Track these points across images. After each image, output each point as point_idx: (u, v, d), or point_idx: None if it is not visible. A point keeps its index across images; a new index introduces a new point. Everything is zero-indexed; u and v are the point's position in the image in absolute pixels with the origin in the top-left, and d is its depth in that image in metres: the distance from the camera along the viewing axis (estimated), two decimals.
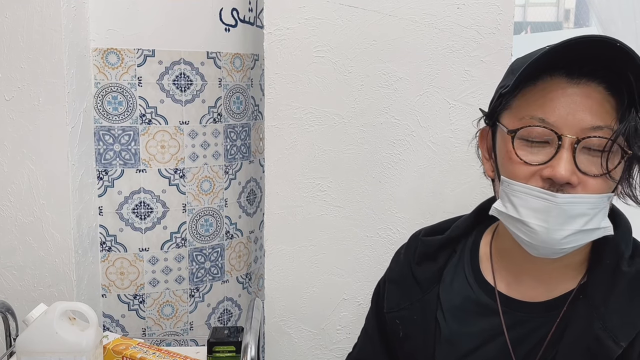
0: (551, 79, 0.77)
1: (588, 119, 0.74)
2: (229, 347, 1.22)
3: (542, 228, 0.76)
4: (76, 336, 1.11)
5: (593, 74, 0.76)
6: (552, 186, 0.75)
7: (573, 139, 0.74)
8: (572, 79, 0.76)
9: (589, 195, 0.75)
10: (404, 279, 0.95)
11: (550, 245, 0.77)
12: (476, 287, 0.89)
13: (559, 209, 0.74)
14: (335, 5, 1.30)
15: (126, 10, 1.39)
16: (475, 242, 0.94)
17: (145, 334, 1.53)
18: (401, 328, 0.93)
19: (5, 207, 1.38)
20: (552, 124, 0.75)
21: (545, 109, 0.76)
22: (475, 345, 0.86)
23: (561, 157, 0.74)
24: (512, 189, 0.78)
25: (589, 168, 0.75)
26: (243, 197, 1.63)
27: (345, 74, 1.32)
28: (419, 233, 0.99)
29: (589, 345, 0.78)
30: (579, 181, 0.75)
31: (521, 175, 0.78)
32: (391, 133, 1.33)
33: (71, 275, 1.38)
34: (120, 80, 1.42)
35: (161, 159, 1.47)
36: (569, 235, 0.75)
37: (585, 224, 0.75)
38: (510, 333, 0.84)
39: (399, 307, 0.94)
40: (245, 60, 1.57)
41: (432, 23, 1.28)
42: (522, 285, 0.86)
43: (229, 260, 1.61)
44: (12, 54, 1.32)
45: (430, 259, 0.94)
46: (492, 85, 1.32)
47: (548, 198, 0.75)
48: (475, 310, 0.88)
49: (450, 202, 1.34)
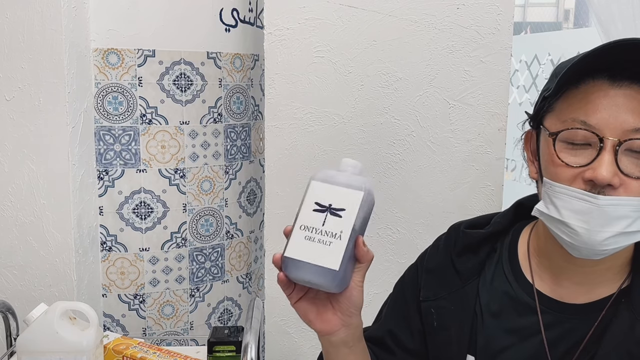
0: (593, 82, 0.78)
1: (630, 121, 0.74)
2: (229, 347, 1.23)
3: (583, 229, 0.75)
4: (77, 336, 1.12)
5: (635, 77, 0.76)
6: (593, 188, 0.75)
7: (615, 141, 0.74)
8: (614, 82, 0.76)
9: (631, 198, 0.75)
10: (444, 269, 0.94)
11: (591, 246, 0.76)
12: (515, 285, 0.89)
13: (600, 210, 0.74)
14: (335, 6, 1.30)
15: (126, 11, 1.40)
16: (513, 240, 0.94)
17: (145, 333, 1.53)
18: (435, 318, 0.92)
19: (6, 207, 1.38)
20: (593, 126, 0.76)
21: (587, 111, 0.76)
22: (512, 342, 0.87)
23: (602, 159, 0.74)
24: (554, 190, 0.78)
25: (632, 170, 0.75)
26: (243, 197, 1.63)
27: (345, 74, 1.32)
28: (459, 225, 0.99)
29: (630, 350, 0.78)
30: (620, 183, 0.75)
31: (563, 177, 0.78)
32: (391, 133, 1.33)
33: (72, 275, 1.38)
34: (120, 80, 1.42)
35: (161, 159, 1.47)
36: (610, 237, 0.75)
37: (627, 227, 0.75)
38: (547, 333, 0.84)
39: (436, 297, 0.93)
40: (246, 61, 1.57)
41: (432, 23, 1.29)
42: (562, 286, 0.86)
43: (229, 260, 1.62)
44: (12, 54, 1.32)
45: (472, 251, 0.94)
46: (492, 85, 1.33)
47: (590, 200, 0.75)
48: (514, 307, 0.88)
49: (450, 202, 1.35)
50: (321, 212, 0.71)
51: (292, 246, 0.71)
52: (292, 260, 0.71)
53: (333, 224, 0.71)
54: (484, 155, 1.32)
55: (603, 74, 0.77)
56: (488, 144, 1.32)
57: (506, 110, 1.32)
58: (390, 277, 1.36)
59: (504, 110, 1.32)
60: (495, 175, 1.32)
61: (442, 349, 0.92)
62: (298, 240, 0.71)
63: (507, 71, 1.31)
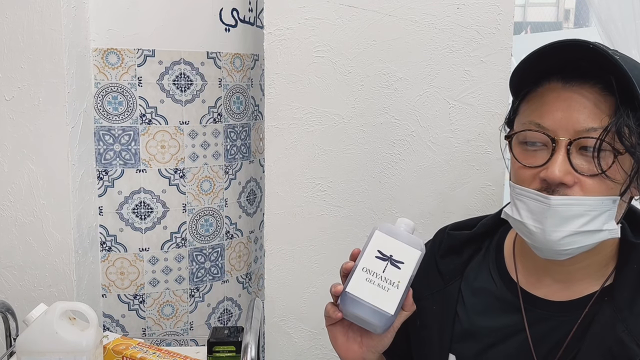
0: (549, 84, 0.79)
1: (582, 120, 0.75)
2: (229, 347, 1.23)
3: (538, 229, 0.77)
4: (76, 336, 1.12)
5: (586, 75, 0.77)
6: (549, 187, 0.76)
7: (566, 140, 0.76)
8: (566, 83, 0.78)
9: (584, 197, 0.75)
10: (427, 270, 0.96)
11: (549, 246, 0.78)
12: (500, 283, 0.90)
13: (552, 210, 0.75)
14: (335, 5, 1.30)
15: (126, 10, 1.40)
16: (500, 240, 0.95)
17: (145, 333, 1.53)
18: (419, 317, 0.94)
19: (5, 207, 1.38)
20: (547, 127, 0.77)
21: (542, 113, 0.78)
22: (496, 340, 0.87)
23: (555, 158, 0.76)
24: (515, 192, 0.80)
25: (586, 168, 0.76)
26: (243, 197, 1.63)
27: (345, 74, 1.32)
28: (445, 228, 1.01)
29: (611, 348, 0.78)
30: (575, 181, 0.76)
31: (523, 178, 0.80)
32: (391, 133, 1.33)
33: (71, 275, 1.38)
34: (120, 80, 1.42)
35: (161, 159, 1.47)
36: (565, 236, 0.76)
37: (583, 226, 0.76)
38: (531, 330, 0.85)
39: (419, 297, 0.95)
40: (245, 60, 1.57)
41: (432, 23, 1.28)
42: (545, 284, 0.86)
43: (229, 260, 1.62)
44: (12, 54, 1.32)
45: (455, 252, 0.96)
46: (492, 85, 1.33)
47: (542, 200, 0.76)
48: (498, 305, 0.89)
49: (450, 202, 1.34)
50: (382, 260, 0.81)
51: (354, 284, 0.79)
52: (353, 297, 0.79)
53: (392, 273, 0.80)
54: (484, 155, 1.32)
55: (557, 76, 0.79)
56: (488, 144, 1.32)
57: (506, 110, 1.31)
58: None
59: (504, 110, 1.32)
60: (496, 175, 1.32)
61: (425, 347, 0.94)
62: (360, 280, 0.79)
63: (507, 71, 1.30)
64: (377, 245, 0.81)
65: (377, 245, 0.81)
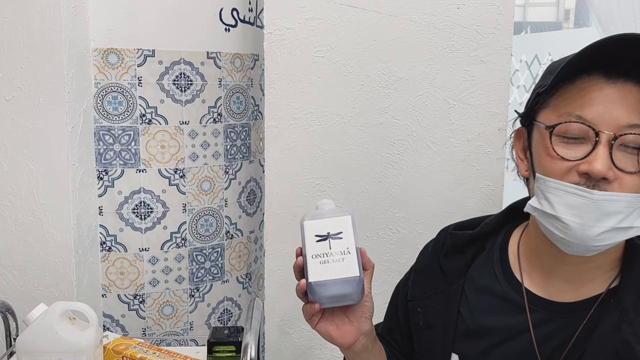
0: (589, 78, 0.78)
1: (624, 116, 0.75)
2: (229, 347, 1.22)
3: (577, 224, 0.76)
4: (76, 336, 1.12)
5: (630, 73, 0.76)
6: (588, 182, 0.76)
7: (610, 135, 0.75)
8: (609, 79, 0.77)
9: (625, 194, 0.75)
10: (430, 270, 0.96)
11: (584, 241, 0.77)
12: (505, 283, 0.90)
13: (594, 205, 0.75)
14: (335, 5, 1.30)
15: (126, 10, 1.39)
16: (504, 240, 0.94)
17: (145, 333, 1.53)
18: (422, 317, 0.94)
19: (5, 207, 1.38)
20: (589, 120, 0.76)
21: (583, 105, 0.77)
22: (500, 340, 0.87)
23: (598, 152, 0.75)
24: (548, 185, 0.79)
25: (626, 165, 0.75)
26: (243, 197, 1.63)
27: (345, 74, 1.32)
28: (448, 227, 1.01)
29: (617, 349, 0.78)
30: (615, 177, 0.75)
31: (558, 171, 0.78)
32: (391, 133, 1.33)
33: (71, 275, 1.38)
34: (120, 80, 1.42)
35: (161, 159, 1.47)
36: (603, 232, 0.75)
37: (620, 222, 0.75)
38: (536, 331, 0.85)
39: (422, 296, 0.95)
40: (245, 60, 1.57)
41: (432, 23, 1.28)
42: (551, 285, 0.86)
43: (229, 260, 1.62)
44: (12, 54, 1.32)
45: (458, 252, 0.95)
46: (492, 85, 1.33)
47: (584, 194, 0.75)
48: (502, 305, 0.89)
49: (450, 202, 1.34)
50: (324, 240, 0.84)
51: (313, 272, 0.81)
52: (319, 283, 0.80)
53: (338, 245, 0.83)
54: (484, 155, 1.32)
55: (598, 71, 0.78)
56: (488, 144, 1.32)
57: (506, 110, 1.32)
58: (390, 277, 1.36)
59: (504, 110, 1.32)
60: (495, 175, 1.32)
61: (428, 347, 0.94)
62: (315, 266, 0.82)
63: (507, 71, 1.31)
64: (311, 232, 0.84)
65: (312, 232, 0.84)
